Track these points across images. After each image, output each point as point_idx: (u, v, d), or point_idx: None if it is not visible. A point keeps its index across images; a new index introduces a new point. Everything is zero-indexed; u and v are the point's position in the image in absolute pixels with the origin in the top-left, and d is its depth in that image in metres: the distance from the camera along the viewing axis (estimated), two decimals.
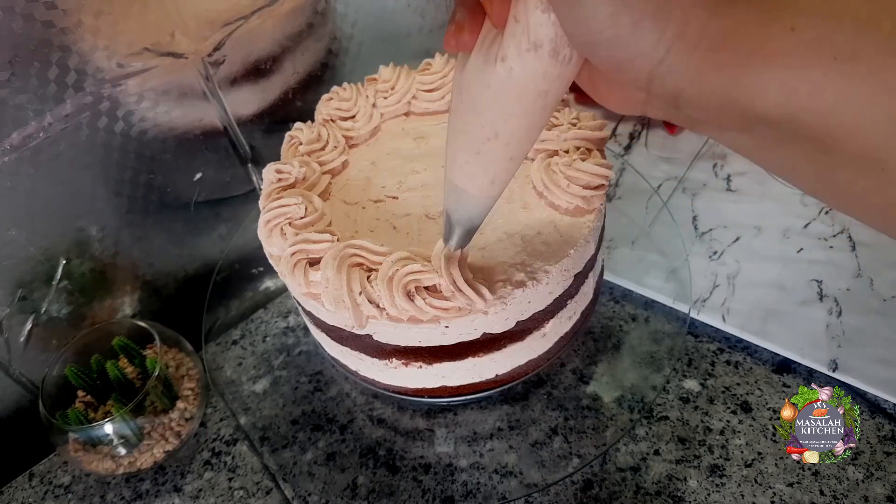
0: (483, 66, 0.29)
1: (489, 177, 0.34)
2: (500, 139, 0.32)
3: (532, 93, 0.29)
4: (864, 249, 0.64)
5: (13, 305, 0.56)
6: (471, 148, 0.33)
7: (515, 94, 0.29)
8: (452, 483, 0.53)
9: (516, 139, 0.32)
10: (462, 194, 0.36)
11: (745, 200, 0.71)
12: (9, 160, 0.51)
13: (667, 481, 0.52)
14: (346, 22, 0.71)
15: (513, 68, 0.28)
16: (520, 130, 0.31)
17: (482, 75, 0.30)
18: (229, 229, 0.70)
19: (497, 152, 0.33)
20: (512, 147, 0.32)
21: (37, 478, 0.61)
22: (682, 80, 0.24)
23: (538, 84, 0.29)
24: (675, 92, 0.25)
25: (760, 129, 0.25)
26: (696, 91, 0.24)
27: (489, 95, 0.30)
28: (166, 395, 0.58)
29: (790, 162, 0.26)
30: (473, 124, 0.32)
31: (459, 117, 0.33)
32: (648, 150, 0.79)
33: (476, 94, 0.31)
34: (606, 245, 0.67)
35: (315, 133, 0.57)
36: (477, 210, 0.38)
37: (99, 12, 0.51)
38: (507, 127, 0.31)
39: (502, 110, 0.30)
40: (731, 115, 0.25)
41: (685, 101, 0.25)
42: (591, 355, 0.60)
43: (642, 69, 0.25)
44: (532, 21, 0.26)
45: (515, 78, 0.28)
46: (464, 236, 0.40)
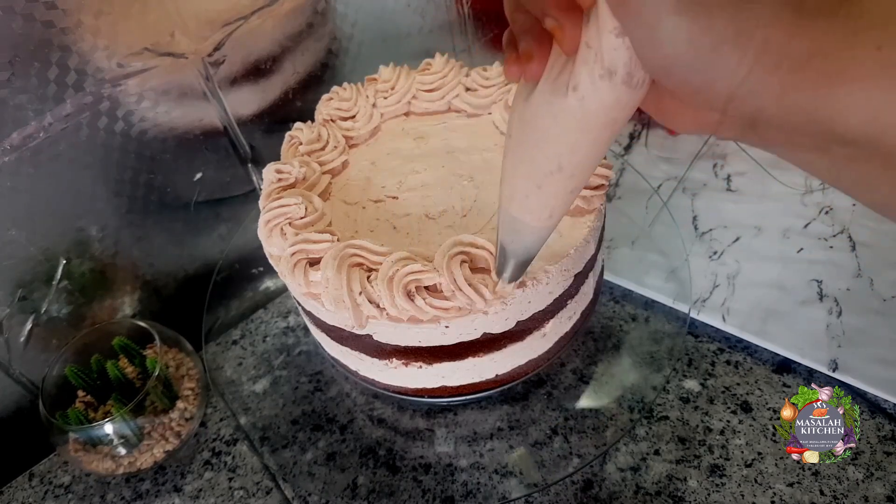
0: (551, 97, 0.28)
1: (549, 209, 0.34)
2: (563, 172, 0.31)
3: (602, 122, 0.28)
4: (864, 249, 0.64)
5: (13, 305, 0.56)
6: (532, 181, 0.32)
7: (585, 125, 0.28)
8: (452, 483, 0.53)
9: (580, 171, 0.31)
10: (521, 226, 0.35)
11: (745, 200, 0.71)
12: (9, 160, 0.51)
13: (667, 481, 0.52)
14: (346, 22, 0.71)
15: (585, 97, 0.27)
16: (584, 162, 0.31)
17: (549, 106, 0.29)
18: (229, 229, 0.70)
19: (559, 185, 0.32)
20: (575, 179, 0.31)
21: (37, 478, 0.61)
22: (762, 101, 0.24)
23: (609, 112, 0.28)
24: (754, 113, 0.25)
25: (837, 149, 0.24)
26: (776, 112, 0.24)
27: (556, 126, 0.29)
28: (166, 395, 0.58)
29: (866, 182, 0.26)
30: (537, 157, 0.31)
31: (521, 149, 0.32)
32: (648, 150, 0.79)
33: (542, 126, 0.30)
34: (606, 245, 0.67)
35: (315, 133, 0.57)
36: (534, 242, 0.37)
37: (99, 12, 0.51)
38: (572, 159, 0.30)
39: (569, 142, 0.29)
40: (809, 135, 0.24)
41: (763, 122, 0.25)
42: (591, 355, 0.60)
43: (721, 92, 0.24)
44: (605, 46, 0.26)
45: (587, 107, 0.27)
46: (518, 268, 0.39)
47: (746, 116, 0.25)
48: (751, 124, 0.26)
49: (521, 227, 0.35)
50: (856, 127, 0.23)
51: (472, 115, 0.61)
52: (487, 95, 0.59)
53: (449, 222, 0.50)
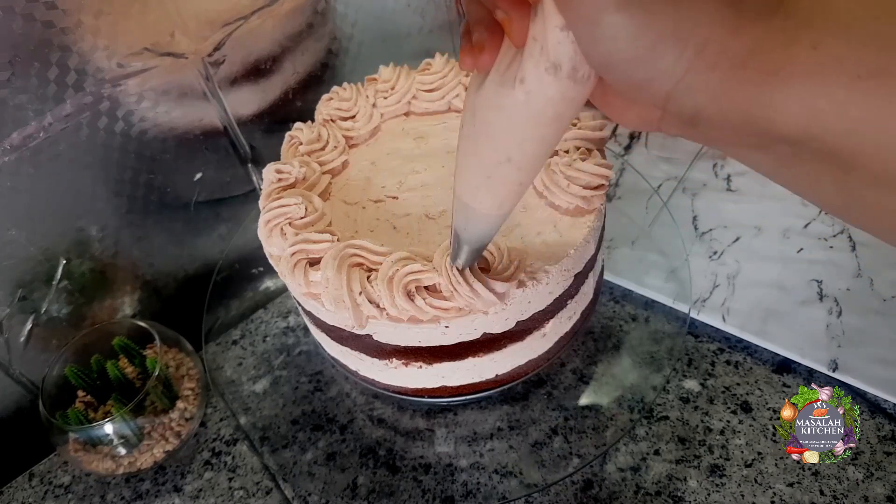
0: (499, 88, 0.29)
1: (499, 199, 0.34)
2: (512, 163, 0.31)
3: (549, 116, 0.29)
4: (864, 249, 0.64)
5: (13, 305, 0.56)
6: (482, 172, 0.33)
7: (532, 118, 0.29)
8: (452, 483, 0.53)
9: (528, 164, 0.31)
10: (472, 213, 0.36)
11: (745, 200, 0.71)
12: (9, 160, 0.51)
13: (667, 481, 0.52)
14: (346, 22, 0.71)
15: (531, 91, 0.28)
16: (533, 155, 0.31)
17: (498, 98, 0.29)
18: (229, 229, 0.70)
19: (509, 176, 0.32)
20: (524, 172, 0.32)
21: (37, 478, 0.61)
22: (700, 99, 0.24)
23: (556, 106, 0.28)
24: (693, 111, 0.25)
25: (779, 147, 0.24)
26: (715, 110, 0.24)
27: (504, 119, 0.29)
28: (166, 395, 0.58)
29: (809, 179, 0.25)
30: (486, 148, 0.31)
31: (471, 140, 0.32)
32: (648, 150, 0.79)
33: (491, 118, 0.30)
34: (606, 245, 0.67)
35: (315, 133, 0.57)
36: (486, 230, 0.37)
37: (99, 12, 0.51)
38: (520, 151, 0.31)
39: (517, 135, 0.30)
40: (749, 134, 0.24)
41: (703, 120, 0.25)
42: (591, 355, 0.60)
43: (660, 89, 0.25)
44: (551, 40, 0.26)
45: (533, 101, 0.28)
46: (471, 255, 0.40)
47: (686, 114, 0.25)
48: (691, 122, 0.26)
49: (473, 215, 0.36)
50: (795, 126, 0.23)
51: None
52: None
53: (449, 222, 0.50)
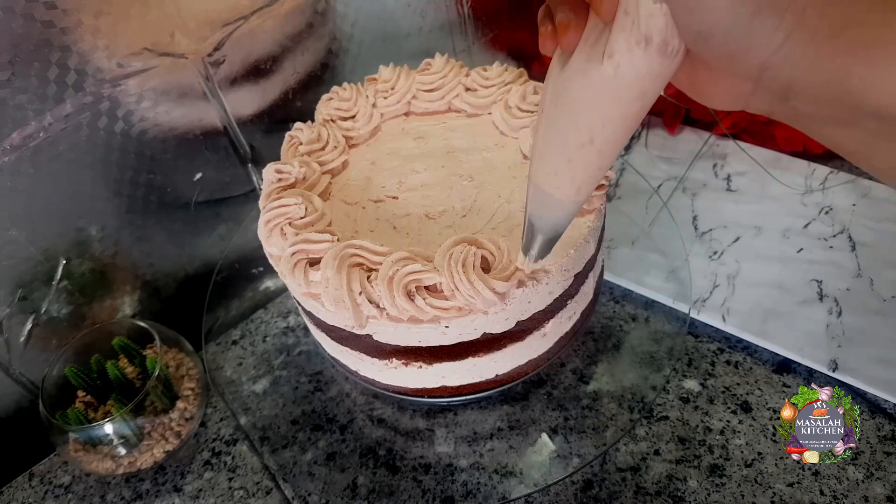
0: (586, 65, 0.29)
1: (577, 184, 0.34)
2: (594, 145, 0.31)
3: (635, 92, 0.28)
4: (864, 249, 0.64)
5: (13, 305, 0.56)
6: (563, 155, 0.33)
7: (618, 94, 0.29)
8: (452, 483, 0.53)
9: (609, 145, 0.31)
10: (549, 200, 0.35)
11: (745, 200, 0.71)
12: (9, 160, 0.51)
13: (667, 481, 0.52)
14: (346, 22, 0.71)
15: (620, 64, 0.27)
16: (614, 135, 0.31)
17: (584, 76, 0.29)
18: (229, 229, 0.70)
19: (590, 159, 0.32)
20: (604, 155, 0.32)
21: (37, 478, 0.61)
22: (796, 69, 0.24)
23: (642, 82, 0.28)
24: (788, 82, 0.25)
25: (867, 123, 0.24)
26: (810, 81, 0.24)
27: (589, 97, 0.29)
28: (166, 395, 0.58)
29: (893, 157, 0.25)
30: (569, 129, 0.31)
31: (552, 122, 0.32)
32: (648, 150, 0.79)
33: (575, 97, 0.30)
34: (606, 245, 0.67)
35: (315, 133, 0.57)
36: (562, 217, 0.37)
37: (99, 12, 0.51)
38: (603, 132, 0.30)
39: (602, 113, 0.30)
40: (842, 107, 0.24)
41: (796, 93, 0.25)
42: (591, 355, 0.60)
43: (756, 59, 0.25)
44: (643, 12, 0.26)
45: (622, 76, 0.28)
46: (545, 246, 0.39)
47: (779, 86, 0.25)
48: (783, 95, 0.26)
49: (550, 202, 0.35)
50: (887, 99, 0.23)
51: (472, 115, 0.61)
52: (487, 95, 0.59)
53: (449, 222, 0.50)
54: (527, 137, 0.54)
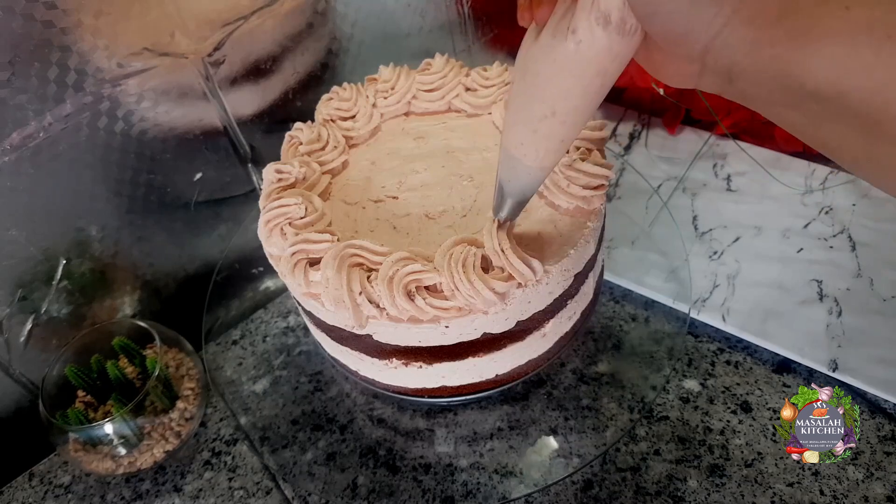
0: (552, 40, 0.31)
1: (542, 152, 0.36)
2: (556, 117, 0.33)
3: (594, 68, 0.30)
4: (864, 249, 0.64)
5: (13, 305, 0.56)
6: (529, 126, 0.35)
7: (579, 69, 0.31)
8: (452, 483, 0.53)
9: (571, 118, 0.33)
10: (517, 164, 0.38)
11: (745, 200, 0.71)
12: (9, 160, 0.51)
13: (667, 481, 0.52)
14: (346, 22, 0.71)
15: (581, 41, 0.29)
16: (575, 110, 0.33)
17: (550, 50, 0.31)
18: (229, 229, 0.70)
19: (553, 130, 0.34)
20: (566, 126, 0.34)
21: (37, 478, 0.61)
22: (736, 54, 0.25)
23: (602, 60, 0.30)
24: (729, 65, 0.26)
25: (810, 105, 0.25)
26: (750, 65, 0.25)
27: (553, 70, 0.31)
28: (166, 395, 0.58)
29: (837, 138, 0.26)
30: (534, 100, 0.33)
31: (520, 94, 0.34)
32: (648, 150, 0.79)
33: (540, 69, 0.32)
34: (606, 245, 0.67)
35: (315, 133, 0.57)
36: (530, 182, 0.39)
37: (99, 12, 0.51)
38: (565, 104, 0.33)
39: (563, 86, 0.32)
40: (782, 90, 0.25)
41: (738, 76, 0.26)
42: (591, 355, 0.60)
43: (698, 41, 0.26)
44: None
45: (582, 52, 0.30)
46: (514, 208, 0.42)
47: (722, 69, 0.27)
48: (727, 77, 0.27)
49: (518, 166, 0.38)
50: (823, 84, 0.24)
51: (472, 115, 0.61)
52: (487, 95, 0.59)
53: (449, 222, 0.50)
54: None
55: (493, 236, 0.44)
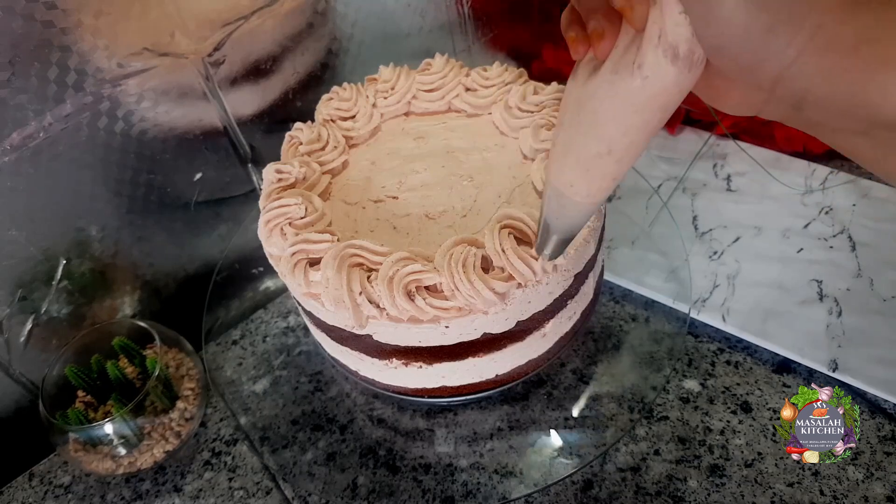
0: (613, 76, 0.29)
1: (594, 189, 0.35)
2: (612, 155, 0.32)
3: (658, 104, 0.29)
4: (864, 249, 0.64)
5: (13, 305, 0.56)
6: (581, 164, 0.33)
7: (643, 106, 0.29)
8: (452, 483, 0.53)
9: (627, 156, 0.32)
10: (567, 202, 0.36)
11: (745, 200, 0.71)
12: (9, 160, 0.51)
13: (667, 481, 0.52)
14: (346, 22, 0.71)
15: (648, 76, 0.28)
16: (633, 146, 0.31)
17: (611, 86, 0.30)
18: (229, 229, 0.70)
19: (607, 168, 0.33)
20: (622, 164, 0.32)
21: (37, 478, 0.61)
22: (809, 83, 0.25)
23: (667, 94, 0.29)
24: (801, 95, 0.25)
25: (881, 133, 0.25)
26: (823, 94, 0.25)
27: (614, 107, 0.30)
28: (166, 395, 0.58)
29: None
30: (589, 138, 0.32)
31: (573, 131, 0.33)
32: (648, 150, 0.79)
33: (598, 107, 0.31)
34: (606, 245, 0.67)
35: (315, 133, 0.57)
36: (578, 218, 0.38)
37: (99, 12, 0.51)
38: (622, 141, 0.31)
39: (623, 123, 0.30)
40: (854, 119, 0.25)
41: (809, 104, 0.26)
42: (591, 355, 0.60)
43: (770, 72, 0.25)
44: (669, 22, 0.26)
45: (649, 87, 0.28)
46: (559, 246, 0.40)
47: (793, 98, 0.26)
48: (796, 105, 0.26)
49: (567, 203, 0.36)
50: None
51: (472, 115, 0.61)
52: (487, 95, 0.59)
53: (449, 222, 0.50)
54: (527, 138, 0.54)
55: (494, 237, 0.44)
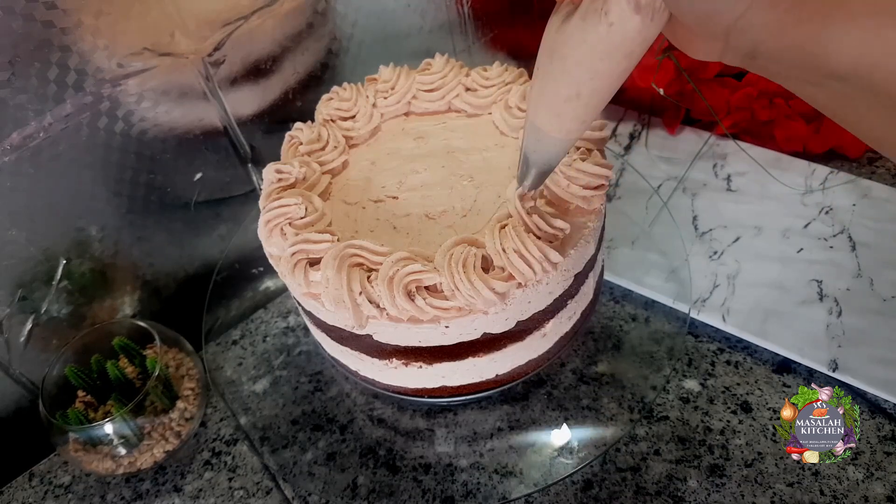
0: (582, 22, 0.31)
1: (566, 129, 0.37)
2: (580, 99, 0.34)
3: (623, 51, 0.31)
4: (864, 249, 0.64)
5: (13, 305, 0.56)
6: (553, 107, 0.36)
7: (608, 52, 0.31)
8: (452, 483, 0.53)
9: (594, 101, 0.34)
10: (543, 136, 0.38)
11: (745, 200, 0.71)
12: (9, 160, 0.51)
13: (667, 481, 0.52)
14: (346, 22, 0.71)
15: (613, 23, 0.30)
16: (600, 91, 0.34)
17: (580, 33, 0.32)
18: (229, 229, 0.70)
19: (576, 112, 0.35)
20: (589, 109, 0.35)
21: (37, 478, 0.61)
22: (759, 34, 0.26)
23: (631, 43, 0.31)
24: (752, 45, 0.27)
25: (833, 84, 0.26)
26: (773, 45, 0.26)
27: (582, 52, 0.32)
28: (166, 395, 0.58)
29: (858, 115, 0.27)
30: (560, 82, 0.34)
31: (546, 74, 0.35)
32: (648, 150, 0.79)
33: (568, 52, 0.33)
34: (606, 245, 0.67)
35: (315, 133, 0.57)
36: (554, 152, 0.40)
37: (99, 12, 0.51)
38: (590, 85, 0.33)
39: (590, 68, 0.32)
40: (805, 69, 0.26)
41: (761, 54, 0.27)
42: (591, 355, 0.60)
43: (721, 23, 0.26)
44: None
45: (614, 34, 0.30)
46: (538, 177, 0.42)
47: (745, 48, 0.27)
48: (750, 55, 0.28)
49: (544, 137, 0.39)
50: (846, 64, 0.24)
51: (472, 115, 0.61)
52: (487, 95, 0.59)
53: (449, 222, 0.50)
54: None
55: (494, 236, 0.44)
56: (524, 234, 0.44)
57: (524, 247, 0.43)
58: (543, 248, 0.44)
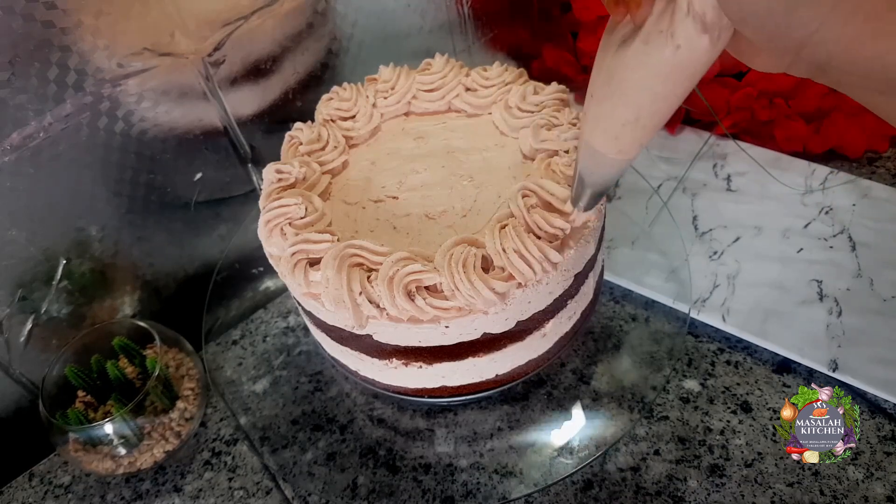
0: (645, 46, 0.30)
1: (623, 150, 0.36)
2: (639, 122, 0.33)
3: (687, 73, 0.30)
4: (864, 249, 0.64)
5: (13, 305, 0.56)
6: (610, 131, 0.35)
7: (672, 75, 0.30)
8: (452, 483, 0.53)
9: (653, 123, 0.33)
10: (599, 157, 0.37)
11: (745, 200, 0.71)
12: (9, 160, 0.51)
13: (667, 481, 0.52)
14: (346, 22, 0.71)
15: (680, 46, 0.29)
16: (659, 114, 0.33)
17: (643, 55, 0.31)
18: (229, 229, 0.70)
19: (634, 134, 0.34)
20: (647, 131, 0.34)
21: (37, 478, 0.61)
22: (833, 49, 0.25)
23: (696, 64, 0.30)
24: (826, 59, 0.26)
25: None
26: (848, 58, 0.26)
27: (644, 76, 0.31)
28: (166, 395, 0.58)
29: None
30: (618, 106, 0.33)
31: (603, 97, 0.34)
32: (648, 150, 0.79)
33: (629, 75, 0.32)
34: (606, 245, 0.67)
35: (315, 133, 0.57)
36: (612, 173, 0.39)
37: (99, 12, 0.51)
38: (650, 109, 0.32)
39: (652, 91, 0.31)
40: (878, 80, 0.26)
41: (833, 68, 0.26)
42: (591, 355, 0.60)
43: (794, 39, 0.26)
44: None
45: (680, 57, 0.29)
46: (593, 199, 0.42)
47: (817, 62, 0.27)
48: (821, 68, 0.27)
49: (600, 159, 0.38)
50: None
51: (472, 115, 0.61)
52: (487, 95, 0.59)
53: (449, 222, 0.50)
54: (527, 138, 0.54)
55: (494, 236, 0.44)
56: (524, 234, 0.44)
57: (524, 247, 0.44)
58: (543, 248, 0.44)
